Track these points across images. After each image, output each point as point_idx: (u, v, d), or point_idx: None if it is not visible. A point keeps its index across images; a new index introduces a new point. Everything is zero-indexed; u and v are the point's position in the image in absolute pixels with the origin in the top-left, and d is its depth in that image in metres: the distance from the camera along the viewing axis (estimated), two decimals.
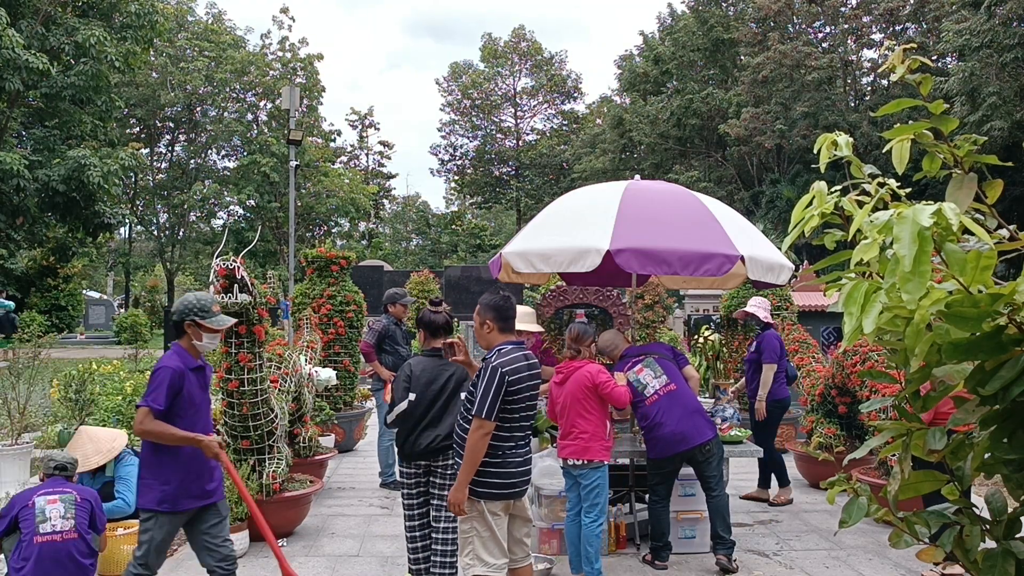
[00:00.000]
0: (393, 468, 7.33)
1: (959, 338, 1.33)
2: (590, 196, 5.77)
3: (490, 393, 3.60)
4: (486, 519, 3.72)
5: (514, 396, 3.68)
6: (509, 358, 3.71)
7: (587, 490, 4.81)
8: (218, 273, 4.91)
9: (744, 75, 30.82)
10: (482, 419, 3.60)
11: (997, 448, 1.47)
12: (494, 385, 3.61)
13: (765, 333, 6.93)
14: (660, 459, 5.17)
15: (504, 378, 3.63)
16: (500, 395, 3.61)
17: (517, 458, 3.78)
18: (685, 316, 15.17)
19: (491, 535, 3.72)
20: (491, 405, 3.60)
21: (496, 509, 3.75)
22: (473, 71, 49.27)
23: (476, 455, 3.62)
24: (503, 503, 3.77)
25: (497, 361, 3.68)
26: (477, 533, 3.73)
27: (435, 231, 49.74)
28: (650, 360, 5.31)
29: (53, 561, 4.22)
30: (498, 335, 3.87)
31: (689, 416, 5.13)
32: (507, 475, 3.73)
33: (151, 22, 21.42)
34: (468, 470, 3.63)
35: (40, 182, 19.07)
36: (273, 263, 34.77)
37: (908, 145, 1.59)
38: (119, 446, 5.28)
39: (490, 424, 3.62)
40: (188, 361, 3.92)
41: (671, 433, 5.07)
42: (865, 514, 1.68)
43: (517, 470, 3.78)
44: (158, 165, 37.37)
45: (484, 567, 3.71)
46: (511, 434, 3.75)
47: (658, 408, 5.14)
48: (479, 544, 3.72)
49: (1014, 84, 21.21)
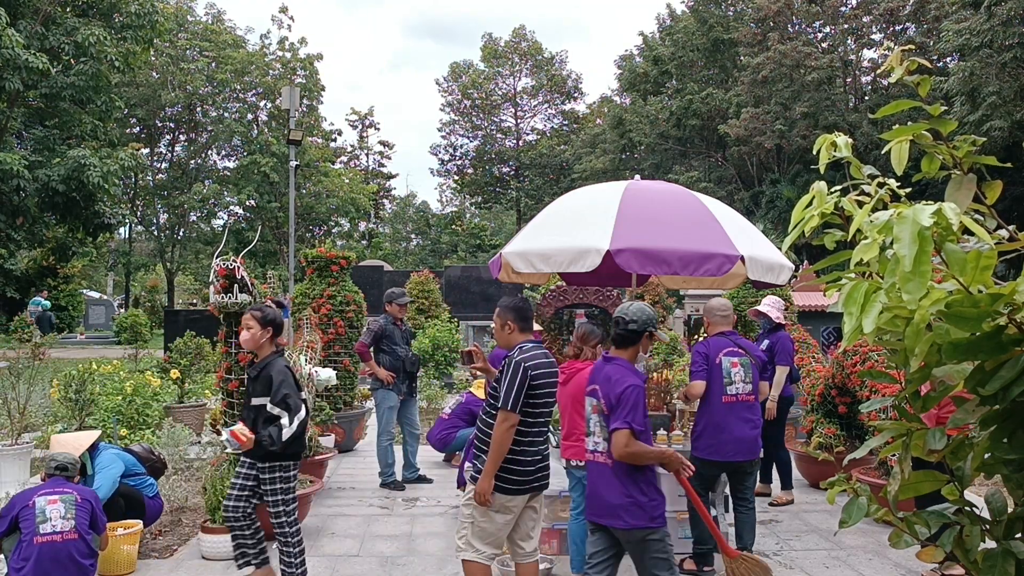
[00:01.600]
0: (393, 468, 7.33)
1: (959, 338, 1.33)
2: (590, 196, 5.76)
3: (515, 387, 3.76)
4: (488, 512, 3.83)
5: (536, 391, 3.84)
6: (531, 354, 3.89)
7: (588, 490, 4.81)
8: (218, 273, 4.91)
9: (744, 75, 30.83)
10: (508, 411, 3.75)
11: (997, 448, 1.47)
12: (518, 379, 3.77)
13: (779, 334, 6.84)
14: (707, 461, 4.97)
15: (527, 372, 3.79)
16: (524, 388, 3.78)
17: (536, 455, 3.90)
18: (685, 316, 15.18)
19: (490, 525, 3.85)
20: (516, 398, 3.76)
21: (508, 504, 3.85)
22: (473, 71, 49.28)
23: (503, 447, 3.76)
24: (520, 498, 3.88)
25: (520, 357, 3.85)
26: (475, 520, 3.86)
27: (435, 231, 49.76)
28: (747, 361, 5.11)
29: (53, 561, 4.22)
30: (519, 335, 4.04)
31: (752, 431, 4.99)
32: (524, 471, 3.86)
33: (151, 22, 21.43)
34: (495, 460, 3.76)
35: (40, 182, 19.08)
36: (273, 263, 34.77)
37: (907, 146, 1.59)
38: (87, 441, 5.28)
39: (515, 416, 3.77)
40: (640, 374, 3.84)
41: (732, 440, 4.91)
42: (865, 514, 1.68)
43: (534, 467, 3.90)
44: (158, 165, 37.36)
45: (473, 552, 3.86)
46: (529, 429, 3.88)
47: (731, 412, 4.96)
48: (475, 531, 3.86)
49: (1014, 84, 21.21)
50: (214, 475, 5.43)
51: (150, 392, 8.89)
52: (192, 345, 10.68)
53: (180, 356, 10.44)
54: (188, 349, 10.60)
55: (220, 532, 5.24)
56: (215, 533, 5.25)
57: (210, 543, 5.26)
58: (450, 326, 14.99)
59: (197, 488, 6.56)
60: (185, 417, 8.83)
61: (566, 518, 5.39)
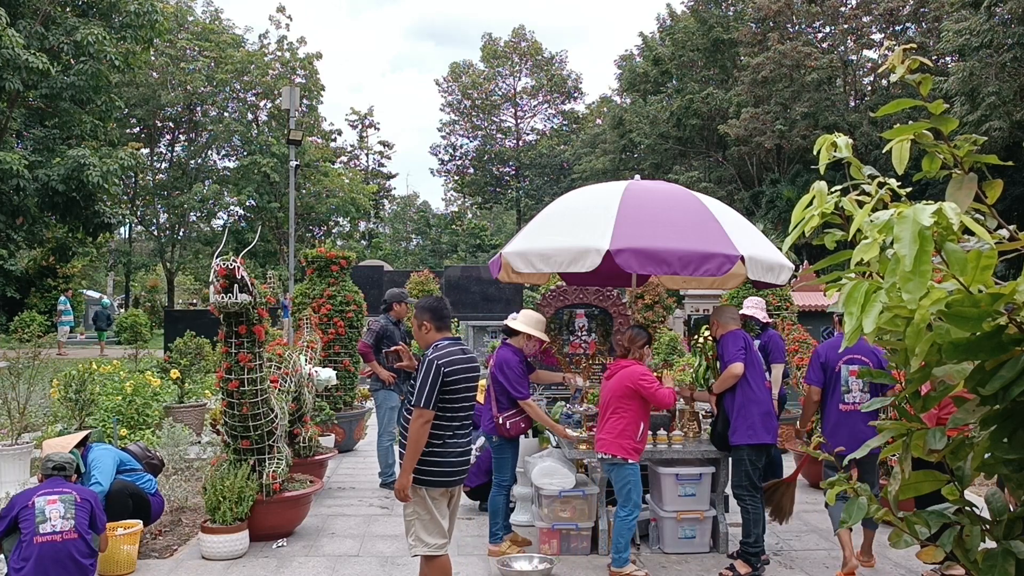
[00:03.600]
0: (393, 468, 7.32)
1: (959, 338, 1.33)
2: (590, 196, 5.76)
3: (427, 385, 3.88)
4: (427, 504, 3.99)
5: (451, 387, 3.94)
6: (445, 351, 4.00)
7: (618, 485, 4.94)
8: (218, 273, 4.91)
9: (744, 75, 30.81)
10: (420, 408, 3.87)
11: (997, 448, 1.47)
12: (431, 377, 3.89)
13: (769, 333, 6.93)
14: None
15: (440, 370, 3.91)
16: (437, 386, 3.89)
17: (457, 448, 4.02)
18: (685, 316, 15.17)
19: (431, 518, 4.00)
20: (428, 395, 3.87)
21: (436, 495, 4.00)
22: (473, 71, 49.27)
23: (418, 443, 3.88)
24: (443, 490, 4.02)
25: (434, 355, 3.97)
26: (419, 516, 4.00)
27: (435, 231, 49.76)
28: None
29: (53, 561, 4.22)
30: (435, 333, 4.16)
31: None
32: (448, 464, 3.97)
33: (150, 21, 21.40)
34: (412, 457, 3.89)
35: (40, 182, 19.07)
36: (273, 263, 34.78)
37: (908, 145, 1.59)
38: (74, 440, 5.29)
39: (429, 413, 3.88)
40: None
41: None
42: (865, 514, 1.68)
43: (457, 459, 4.02)
44: (158, 165, 37.36)
45: (426, 547, 4.00)
46: (450, 424, 3.99)
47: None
48: (420, 527, 4.00)
49: (1013, 84, 21.20)
50: (214, 475, 5.43)
51: (150, 392, 8.89)
52: (192, 345, 10.68)
53: (180, 356, 10.44)
54: (188, 349, 10.60)
55: (220, 532, 5.24)
56: (215, 533, 5.25)
57: (210, 543, 5.26)
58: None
59: (197, 488, 6.55)
60: (185, 417, 8.83)
61: (566, 518, 5.40)
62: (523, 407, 5.33)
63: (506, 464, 5.45)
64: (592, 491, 5.43)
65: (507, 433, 5.35)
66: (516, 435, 5.44)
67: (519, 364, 5.37)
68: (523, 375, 5.38)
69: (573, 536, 5.40)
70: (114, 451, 5.49)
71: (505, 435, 5.37)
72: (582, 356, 7.41)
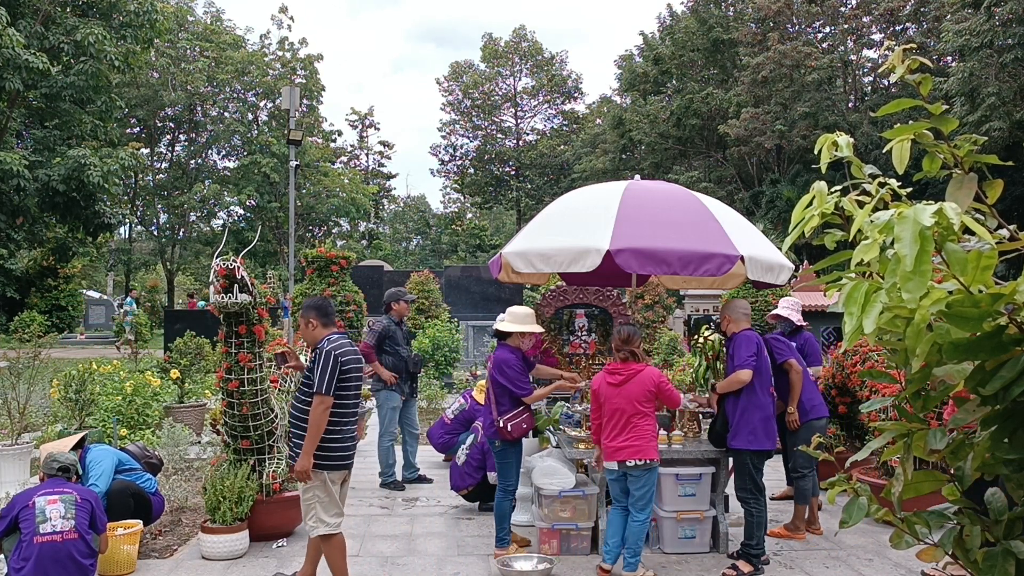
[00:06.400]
0: (393, 468, 7.33)
1: (959, 338, 1.33)
2: (590, 196, 5.76)
3: (327, 373, 4.24)
4: (327, 487, 4.34)
5: (346, 375, 4.33)
6: (338, 344, 4.38)
7: (644, 490, 4.78)
8: (218, 273, 4.91)
9: (744, 75, 30.82)
10: (323, 395, 4.24)
11: (997, 448, 1.47)
12: (330, 366, 4.26)
13: (805, 335, 6.68)
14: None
15: (338, 360, 4.29)
16: (336, 374, 4.27)
17: (350, 432, 4.43)
18: (685, 316, 15.18)
19: (330, 500, 4.36)
20: (328, 383, 4.24)
21: (335, 478, 4.38)
22: (474, 71, 49.28)
23: (320, 427, 4.24)
24: (341, 472, 4.42)
25: (329, 347, 4.33)
26: (319, 499, 4.34)
27: (435, 231, 49.77)
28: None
29: (53, 561, 4.22)
30: (323, 329, 4.52)
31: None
32: (344, 447, 4.39)
33: (150, 21, 21.42)
34: (313, 441, 4.23)
35: (40, 182, 19.08)
36: (273, 263, 34.79)
37: (908, 145, 1.59)
38: (71, 441, 5.29)
39: (329, 399, 4.25)
40: None
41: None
42: (865, 514, 1.68)
43: (351, 443, 4.45)
44: (158, 165, 37.38)
45: (326, 527, 4.34)
46: (344, 410, 4.37)
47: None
48: (320, 508, 4.34)
49: (1013, 84, 21.22)
50: (214, 475, 5.43)
51: (150, 392, 8.89)
52: (192, 345, 10.68)
53: (180, 356, 10.44)
54: (188, 349, 10.60)
55: (220, 532, 5.24)
56: (215, 533, 5.25)
57: (210, 543, 5.26)
58: (450, 326, 14.98)
59: (197, 488, 6.55)
60: (185, 417, 8.83)
61: (566, 518, 5.39)
62: (528, 402, 5.26)
63: (510, 469, 5.34)
64: (592, 491, 5.42)
65: (509, 436, 5.26)
66: (518, 437, 5.36)
67: (518, 362, 5.33)
68: (524, 372, 5.33)
69: (573, 536, 5.40)
70: (113, 451, 5.49)
71: (507, 438, 5.25)
72: (582, 356, 7.41)
